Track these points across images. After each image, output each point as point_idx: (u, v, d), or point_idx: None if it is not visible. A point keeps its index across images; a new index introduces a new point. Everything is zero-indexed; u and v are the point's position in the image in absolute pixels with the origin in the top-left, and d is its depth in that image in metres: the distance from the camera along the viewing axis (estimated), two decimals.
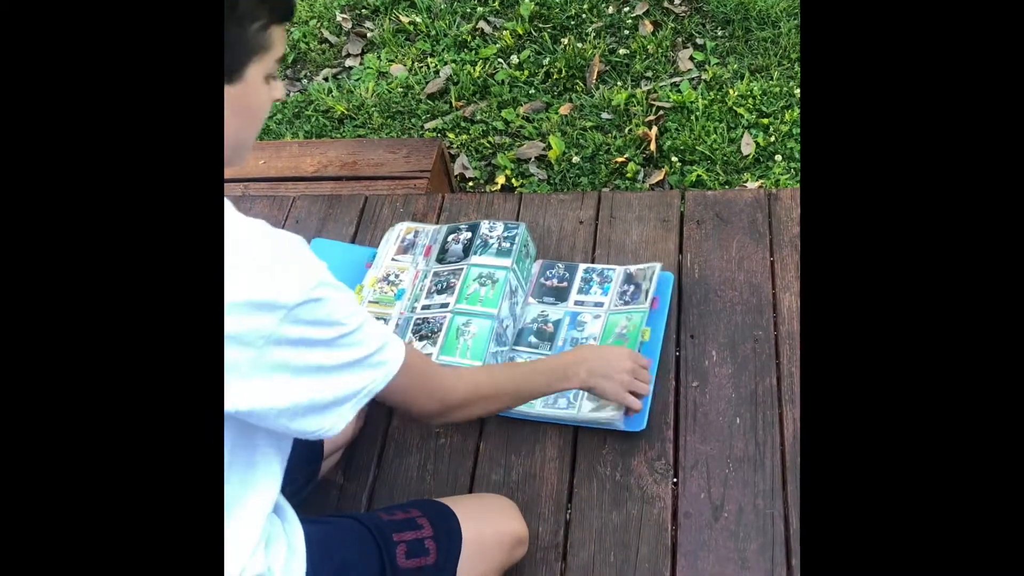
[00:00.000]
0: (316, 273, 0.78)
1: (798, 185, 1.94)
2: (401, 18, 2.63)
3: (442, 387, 0.97)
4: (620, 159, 2.12)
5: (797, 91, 2.18)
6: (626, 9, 2.51)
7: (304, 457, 1.16)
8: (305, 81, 2.56)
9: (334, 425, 0.84)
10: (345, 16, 2.70)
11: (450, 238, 1.50)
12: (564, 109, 2.26)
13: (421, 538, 1.02)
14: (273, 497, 0.90)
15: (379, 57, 2.53)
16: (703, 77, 2.28)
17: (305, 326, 0.77)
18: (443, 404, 0.97)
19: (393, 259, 1.51)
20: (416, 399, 0.95)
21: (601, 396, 1.20)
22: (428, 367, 0.98)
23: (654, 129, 2.16)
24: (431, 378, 0.96)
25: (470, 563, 1.04)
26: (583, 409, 1.27)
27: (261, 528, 0.87)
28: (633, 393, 1.19)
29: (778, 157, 2.06)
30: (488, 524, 1.11)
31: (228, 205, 0.77)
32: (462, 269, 1.43)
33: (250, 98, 0.81)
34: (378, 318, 1.38)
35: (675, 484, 1.22)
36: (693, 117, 2.17)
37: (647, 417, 1.24)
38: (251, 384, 0.75)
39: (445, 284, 1.42)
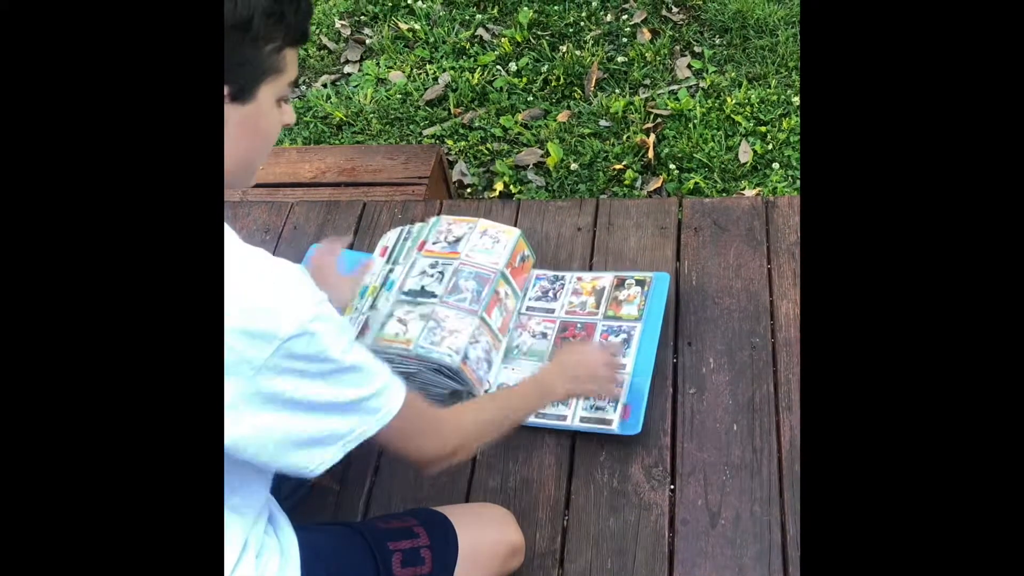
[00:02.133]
0: (313, 306, 0.76)
1: (795, 193, 1.94)
2: (400, 25, 2.63)
3: (439, 434, 0.94)
4: (618, 166, 2.13)
5: (795, 99, 2.19)
6: (624, 17, 2.52)
7: None
8: (304, 87, 2.56)
9: (320, 464, 0.82)
10: (344, 23, 2.70)
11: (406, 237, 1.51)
12: (562, 116, 2.27)
13: (417, 547, 1.02)
14: (254, 511, 0.89)
15: (378, 64, 2.54)
16: (701, 85, 2.28)
17: (297, 360, 0.75)
18: (439, 451, 0.94)
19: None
20: (411, 446, 0.92)
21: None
22: (426, 413, 0.93)
23: (652, 136, 2.17)
24: (428, 425, 0.93)
25: (465, 573, 1.04)
26: (576, 418, 1.27)
27: (243, 538, 0.87)
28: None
29: (775, 165, 2.07)
30: (484, 534, 1.10)
31: (232, 233, 0.76)
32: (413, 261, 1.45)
33: (260, 120, 0.81)
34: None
35: (672, 491, 1.22)
36: (691, 125, 2.18)
37: (642, 421, 1.24)
38: (238, 416, 0.75)
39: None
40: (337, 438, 0.83)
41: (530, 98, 2.35)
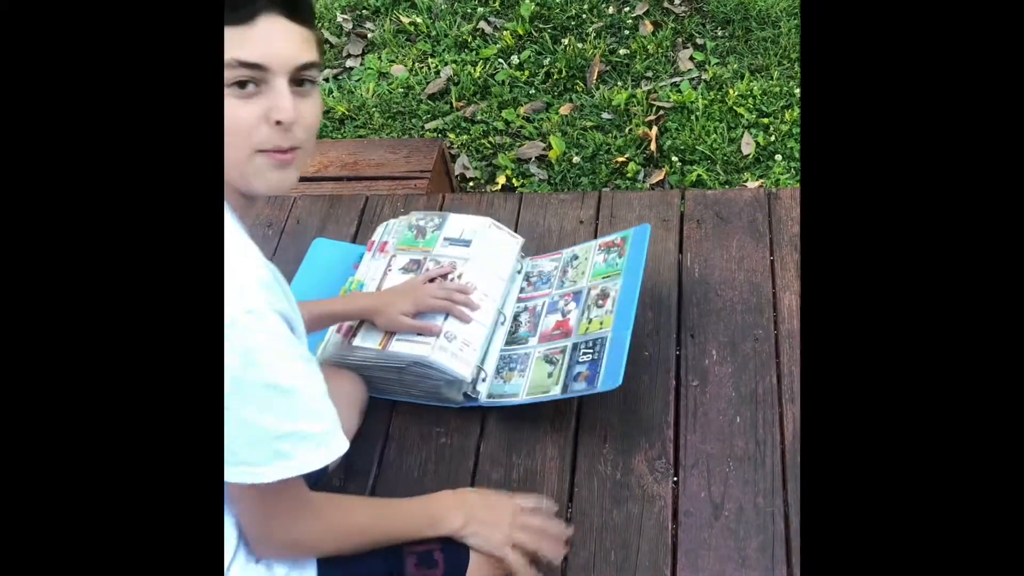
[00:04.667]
0: (252, 300, 0.74)
1: (798, 184, 1.94)
2: (402, 19, 2.63)
3: (316, 519, 0.90)
4: (620, 159, 2.13)
5: (797, 91, 2.18)
6: (626, 9, 2.52)
7: None
8: None
9: None
10: (346, 17, 2.70)
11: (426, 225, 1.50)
12: (564, 109, 2.27)
13: (430, 550, 1.01)
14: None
15: (380, 58, 2.54)
16: (703, 77, 2.28)
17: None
18: (302, 539, 0.90)
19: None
20: (279, 522, 0.87)
21: (477, 548, 1.01)
22: (311, 496, 0.89)
23: (654, 129, 2.17)
24: (308, 508, 0.88)
25: (476, 573, 1.04)
26: (560, 387, 1.26)
27: (235, 536, 0.87)
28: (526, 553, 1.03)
29: (778, 157, 2.06)
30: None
31: (232, 227, 0.76)
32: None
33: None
34: None
35: (675, 483, 1.22)
36: (693, 117, 2.18)
37: (622, 375, 1.18)
38: None
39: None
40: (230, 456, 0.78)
41: (532, 91, 2.34)
